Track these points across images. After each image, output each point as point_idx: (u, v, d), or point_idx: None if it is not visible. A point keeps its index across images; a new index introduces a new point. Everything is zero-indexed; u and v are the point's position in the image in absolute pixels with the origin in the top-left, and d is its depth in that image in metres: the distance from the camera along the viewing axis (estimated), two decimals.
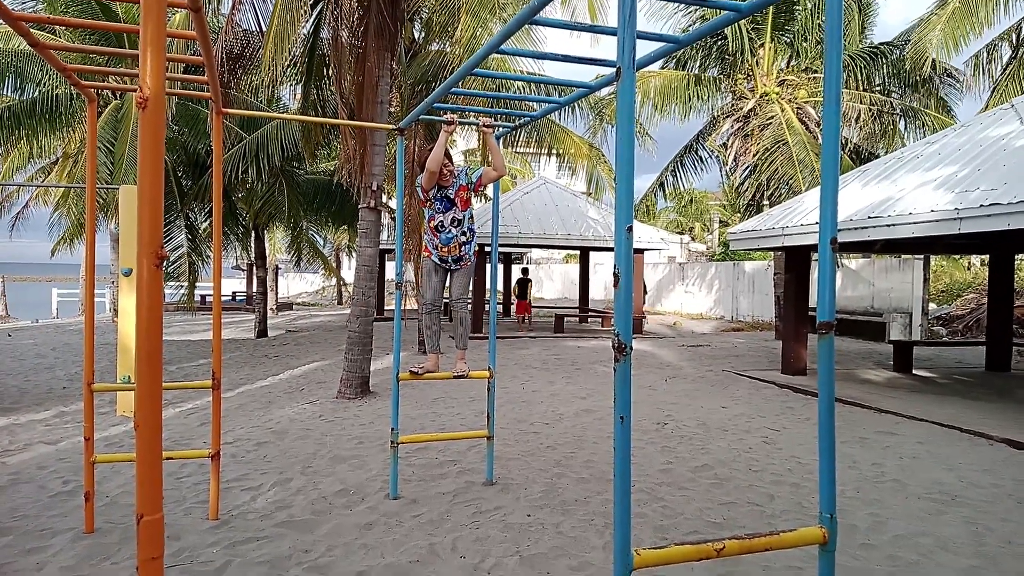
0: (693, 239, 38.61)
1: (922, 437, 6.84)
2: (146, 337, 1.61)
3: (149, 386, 1.62)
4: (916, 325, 16.59)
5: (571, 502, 4.81)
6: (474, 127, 6.14)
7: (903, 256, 16.92)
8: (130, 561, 3.78)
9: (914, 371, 11.19)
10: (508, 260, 27.04)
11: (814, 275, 13.69)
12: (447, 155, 4.67)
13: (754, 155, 16.42)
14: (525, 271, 20.57)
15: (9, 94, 13.41)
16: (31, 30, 3.02)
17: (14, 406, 8.45)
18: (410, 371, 4.90)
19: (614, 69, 1.96)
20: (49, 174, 19.95)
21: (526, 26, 3.18)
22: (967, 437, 6.84)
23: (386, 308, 22.06)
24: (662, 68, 18.04)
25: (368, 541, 4.12)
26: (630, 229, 1.83)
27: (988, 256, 12.81)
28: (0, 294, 24.89)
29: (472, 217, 4.89)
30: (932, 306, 18.85)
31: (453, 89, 3.93)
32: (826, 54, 2.06)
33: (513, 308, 21.41)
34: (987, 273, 13.50)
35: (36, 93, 12.94)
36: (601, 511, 4.61)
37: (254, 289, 20.78)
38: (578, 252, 24.56)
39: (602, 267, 31.71)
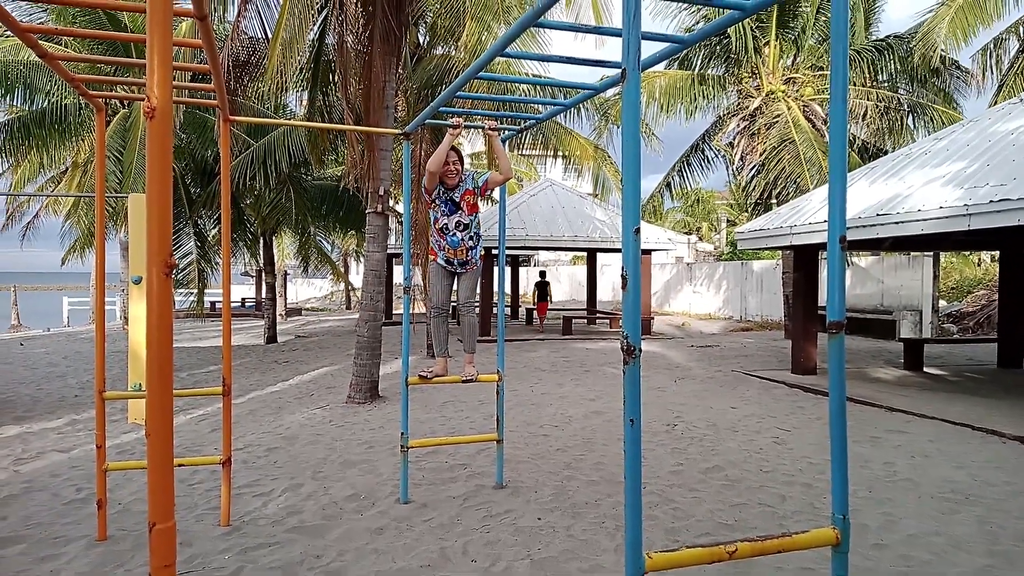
0: (700, 239, 38.49)
1: (933, 435, 6.79)
2: (156, 345, 1.63)
3: (159, 394, 1.63)
4: (926, 323, 16.48)
5: (581, 505, 4.80)
6: (480, 130, 6.15)
7: (912, 253, 16.82)
8: (143, 569, 3.80)
9: (925, 369, 11.12)
10: (515, 263, 27.05)
11: (823, 274, 13.63)
12: (458, 154, 4.70)
13: (761, 154, 16.37)
14: (543, 274, 20.78)
15: (19, 105, 13.52)
16: (39, 41, 3.04)
17: (27, 414, 8.50)
18: (419, 375, 4.90)
19: (619, 70, 1.97)
20: (59, 184, 20.10)
21: (531, 29, 3.19)
22: (979, 435, 6.79)
23: (395, 312, 22.11)
24: (666, 68, 18.01)
25: (379, 546, 4.12)
26: (638, 231, 1.83)
27: (998, 252, 12.72)
28: (12, 303, 25.08)
29: (479, 222, 4.89)
30: (942, 303, 18.72)
31: (458, 93, 3.93)
32: (832, 50, 2.05)
33: (521, 310, 21.44)
34: (998, 269, 13.40)
35: (45, 103, 13.05)
36: (612, 514, 4.60)
37: (263, 295, 20.87)
38: (585, 254, 24.53)
39: (609, 268, 31.67)
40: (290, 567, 3.82)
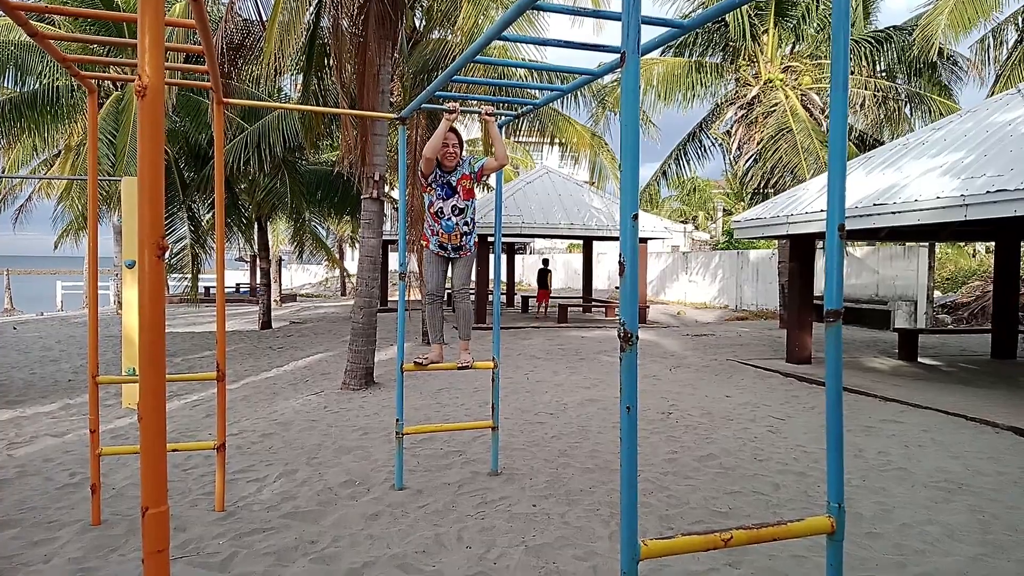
0: (697, 228, 38.52)
1: (927, 425, 6.82)
2: (148, 328, 1.60)
3: (152, 378, 1.61)
4: (921, 313, 16.54)
5: (576, 492, 4.80)
6: (476, 116, 6.11)
7: (908, 244, 16.86)
8: (137, 553, 3.79)
9: (919, 359, 11.16)
10: (511, 250, 27.01)
11: (819, 263, 13.66)
12: (457, 136, 4.66)
13: (758, 143, 16.33)
14: (546, 261, 20.87)
15: (10, 86, 13.38)
16: (29, 20, 2.99)
17: (20, 399, 8.47)
18: (414, 362, 4.89)
19: (617, 56, 1.94)
20: (51, 167, 19.96)
21: (528, 13, 3.15)
22: (972, 425, 6.82)
23: (390, 299, 22.08)
24: (664, 55, 17.92)
25: (374, 532, 4.12)
26: (636, 217, 1.81)
27: (994, 243, 12.75)
28: (5, 287, 24.96)
29: (475, 208, 4.86)
30: (937, 294, 18.79)
31: (455, 77, 3.89)
32: (833, 39, 2.03)
33: (517, 297, 21.48)
34: (992, 260, 13.43)
35: (37, 85, 12.90)
36: (606, 501, 4.61)
37: (257, 280, 20.82)
38: (581, 242, 24.51)
39: (605, 256, 31.67)
40: (284, 552, 3.81)
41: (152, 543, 1.65)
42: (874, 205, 8.52)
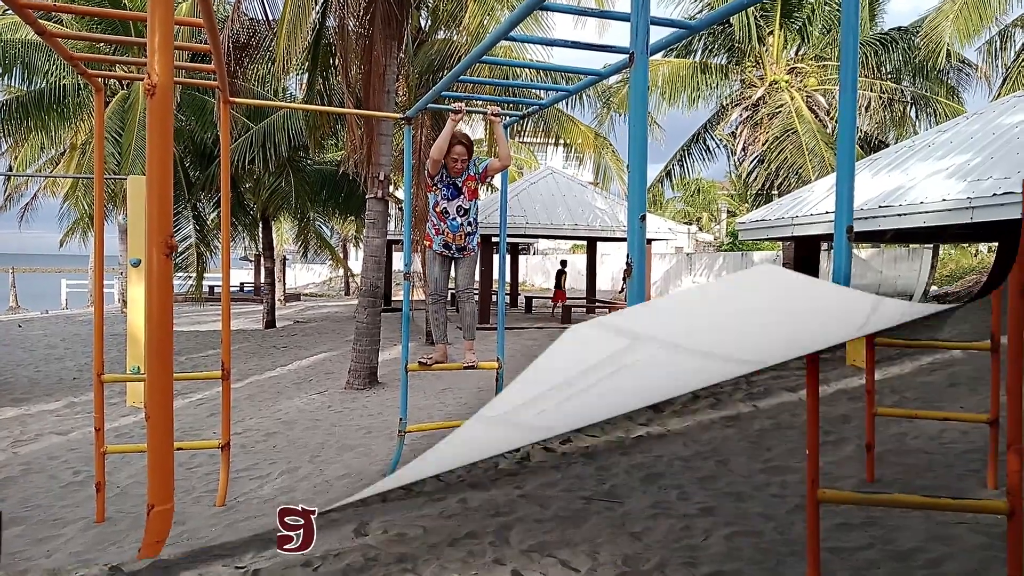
0: (701, 229, 38.44)
1: None
2: (156, 327, 1.61)
3: (160, 377, 1.62)
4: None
5: None
6: (481, 116, 6.12)
7: (912, 246, 16.81)
8: (135, 544, 3.79)
9: None
10: (515, 251, 27.01)
11: (823, 265, 13.62)
12: (467, 145, 4.62)
13: (763, 144, 16.30)
14: (563, 263, 20.89)
15: (17, 85, 13.43)
16: (37, 18, 3.00)
17: (25, 396, 8.50)
18: (419, 362, 4.88)
19: (623, 56, 1.94)
20: (57, 165, 20.02)
21: (535, 13, 3.15)
22: None
23: (394, 299, 22.09)
24: (666, 56, 17.88)
25: None
26: (643, 218, 1.81)
27: (997, 244, 12.71)
28: (10, 285, 25.04)
29: (478, 209, 4.86)
30: (933, 288, 18.76)
31: (460, 77, 3.89)
32: (842, 39, 2.03)
33: (521, 297, 21.54)
34: (992, 259, 13.36)
35: (43, 84, 12.95)
36: None
37: (262, 280, 20.86)
38: (585, 243, 24.49)
39: (609, 257, 31.63)
40: (266, 530, 3.79)
41: (152, 536, 1.66)
42: (879, 207, 8.50)
